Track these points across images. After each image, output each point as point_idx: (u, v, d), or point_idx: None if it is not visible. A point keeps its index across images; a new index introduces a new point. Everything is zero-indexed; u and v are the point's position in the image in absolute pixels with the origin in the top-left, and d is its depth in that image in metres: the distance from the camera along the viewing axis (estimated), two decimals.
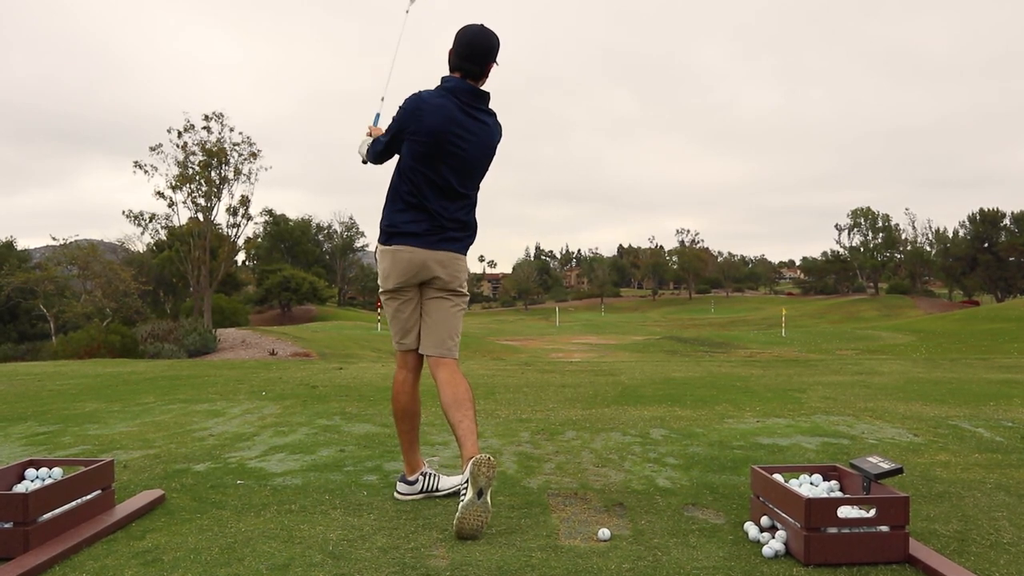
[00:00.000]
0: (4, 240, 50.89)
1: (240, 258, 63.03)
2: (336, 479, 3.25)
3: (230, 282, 57.87)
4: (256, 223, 49.78)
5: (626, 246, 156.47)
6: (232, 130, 37.77)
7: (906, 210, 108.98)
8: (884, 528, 2.30)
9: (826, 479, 2.64)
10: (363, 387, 6.49)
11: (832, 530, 2.29)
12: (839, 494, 2.56)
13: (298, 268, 72.73)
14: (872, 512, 2.31)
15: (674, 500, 2.94)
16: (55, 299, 39.34)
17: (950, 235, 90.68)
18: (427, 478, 3.00)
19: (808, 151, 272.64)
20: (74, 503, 2.53)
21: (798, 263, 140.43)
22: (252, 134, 51.29)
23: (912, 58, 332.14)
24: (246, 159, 38.08)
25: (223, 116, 37.37)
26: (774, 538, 2.39)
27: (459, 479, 2.90)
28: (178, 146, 36.60)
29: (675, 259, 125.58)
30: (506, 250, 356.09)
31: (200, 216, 38.01)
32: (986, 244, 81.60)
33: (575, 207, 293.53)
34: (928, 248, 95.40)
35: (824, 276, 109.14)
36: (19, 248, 51.62)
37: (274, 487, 3.12)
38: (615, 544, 2.44)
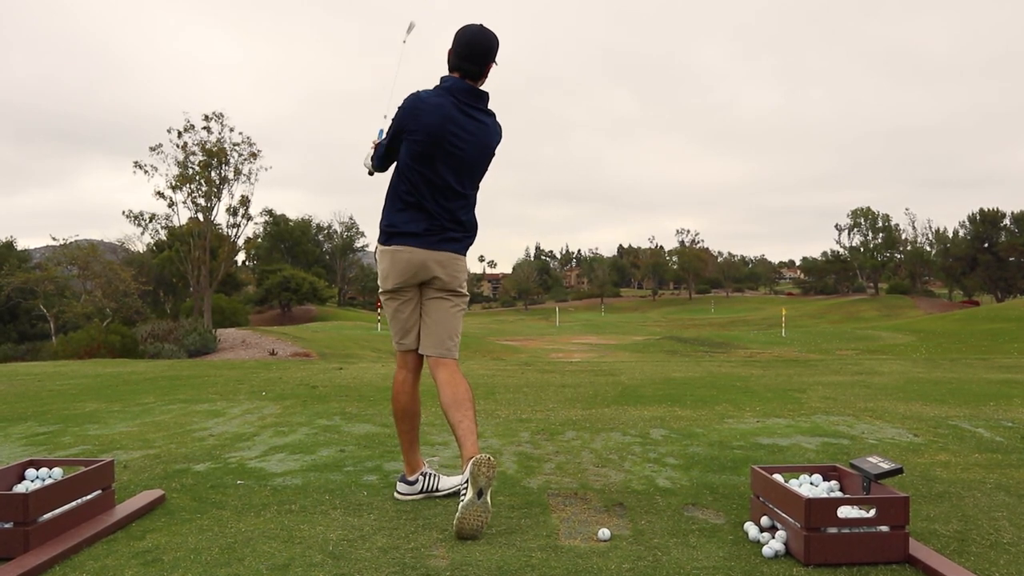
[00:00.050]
0: (4, 240, 50.90)
1: (240, 258, 63.14)
2: (336, 479, 3.25)
3: (230, 282, 57.90)
4: (256, 223, 49.89)
5: (626, 246, 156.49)
6: (232, 130, 37.85)
7: (906, 210, 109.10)
8: (884, 528, 2.30)
9: (826, 479, 2.64)
10: (363, 387, 6.50)
11: (832, 530, 2.29)
12: (839, 494, 2.56)
13: (298, 268, 72.75)
14: (872, 512, 2.32)
15: (674, 500, 2.94)
16: (55, 299, 39.35)
17: (950, 235, 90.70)
18: (427, 478, 3.00)
19: (808, 151, 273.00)
20: (74, 503, 2.53)
21: (798, 263, 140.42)
22: (252, 134, 51.51)
23: (912, 58, 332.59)
24: (246, 159, 38.14)
25: (223, 116, 37.44)
26: (774, 538, 2.39)
27: (459, 479, 2.90)
28: (178, 146, 36.67)
29: (675, 259, 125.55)
30: (506, 250, 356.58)
31: (200, 216, 38.02)
32: (986, 244, 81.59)
33: (575, 207, 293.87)
34: (928, 248, 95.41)
35: (824, 276, 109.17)
36: (19, 248, 51.62)
37: (274, 487, 3.13)
38: (615, 544, 2.44)
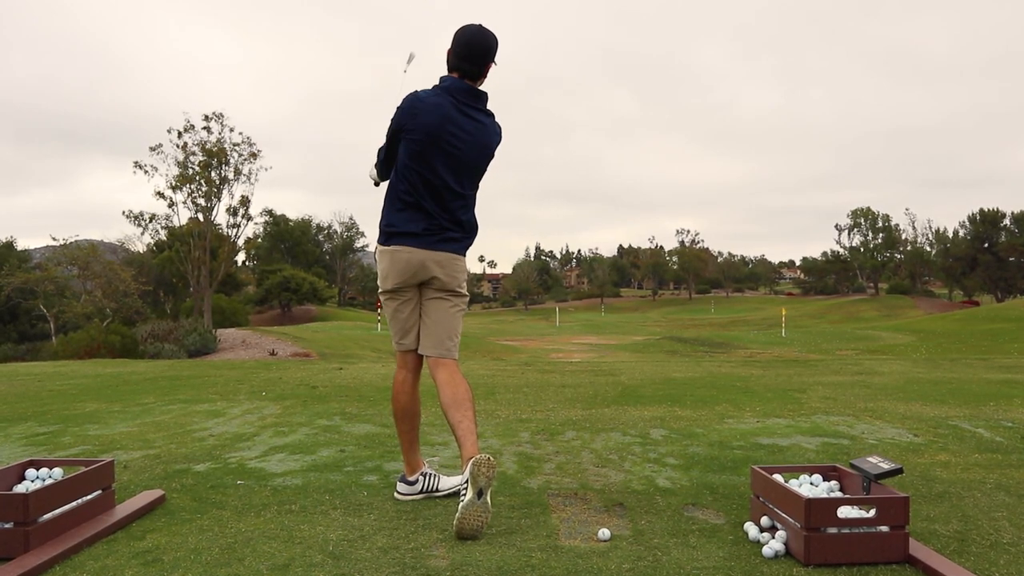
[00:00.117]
0: (4, 240, 50.92)
1: (240, 258, 63.14)
2: (336, 479, 3.25)
3: (230, 282, 57.88)
4: (256, 223, 49.83)
5: (626, 246, 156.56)
6: (232, 130, 37.76)
7: (906, 210, 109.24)
8: (884, 528, 2.30)
9: (826, 479, 2.64)
10: (363, 387, 6.50)
11: (832, 530, 2.29)
12: (839, 494, 2.56)
13: (298, 268, 72.73)
14: (872, 512, 2.32)
15: (674, 500, 2.94)
16: (55, 299, 39.35)
17: (950, 235, 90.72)
18: (427, 478, 3.00)
19: (808, 151, 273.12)
20: (74, 503, 2.53)
21: (798, 263, 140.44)
22: (252, 134, 51.41)
23: (912, 58, 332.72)
24: (246, 159, 38.08)
25: (223, 116, 37.38)
26: (774, 538, 2.39)
27: (459, 479, 2.90)
28: (178, 146, 36.60)
29: (675, 259, 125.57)
30: (506, 250, 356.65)
31: (200, 216, 38.00)
32: (986, 244, 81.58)
33: (575, 207, 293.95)
34: (928, 248, 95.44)
35: (824, 276, 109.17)
36: (19, 248, 51.64)
37: (274, 487, 3.13)
38: (615, 544, 2.44)
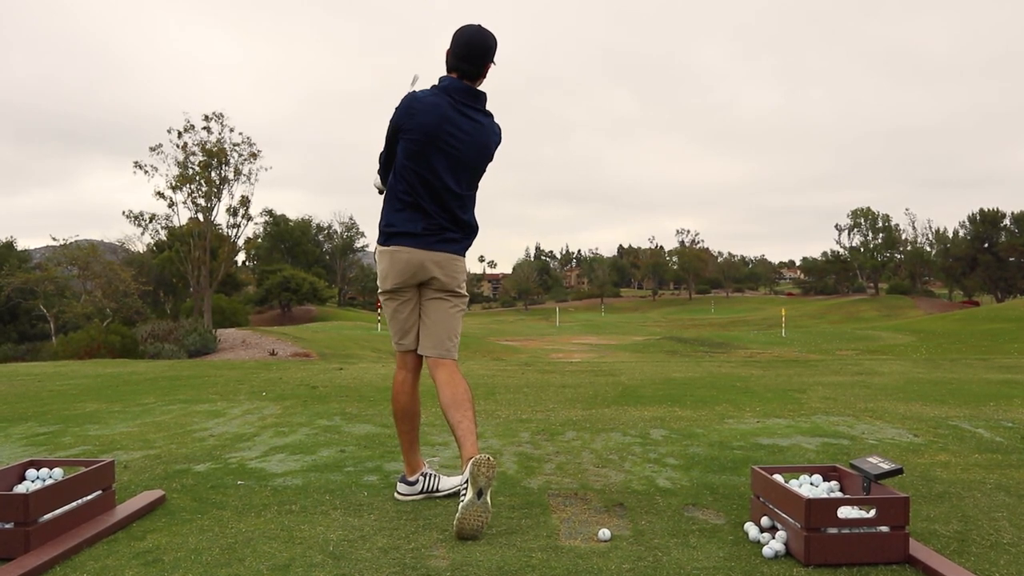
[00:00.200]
0: (4, 240, 50.95)
1: (240, 258, 63.16)
2: (336, 479, 3.25)
3: (230, 282, 57.89)
4: (256, 223, 49.82)
5: (626, 246, 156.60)
6: (232, 130, 37.76)
7: (906, 210, 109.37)
8: (884, 528, 2.30)
9: (826, 479, 2.64)
10: (363, 387, 6.50)
11: (832, 530, 2.29)
12: (839, 494, 2.56)
13: (298, 268, 72.75)
14: (872, 512, 2.32)
15: (674, 500, 2.94)
16: (55, 299, 39.35)
17: (950, 235, 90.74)
18: (427, 479, 3.00)
19: (808, 151, 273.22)
20: (75, 503, 2.53)
21: (798, 263, 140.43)
22: (252, 134, 51.47)
23: (912, 58, 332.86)
24: (246, 159, 38.06)
25: (223, 116, 37.37)
26: (774, 538, 2.39)
27: (459, 479, 2.90)
28: (178, 146, 36.58)
29: (675, 259, 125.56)
30: (506, 250, 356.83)
31: (200, 216, 37.99)
32: (986, 244, 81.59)
33: (575, 207, 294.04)
34: (928, 248, 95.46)
35: (824, 276, 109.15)
36: (19, 248, 51.68)
37: (274, 487, 3.13)
38: (615, 544, 2.44)
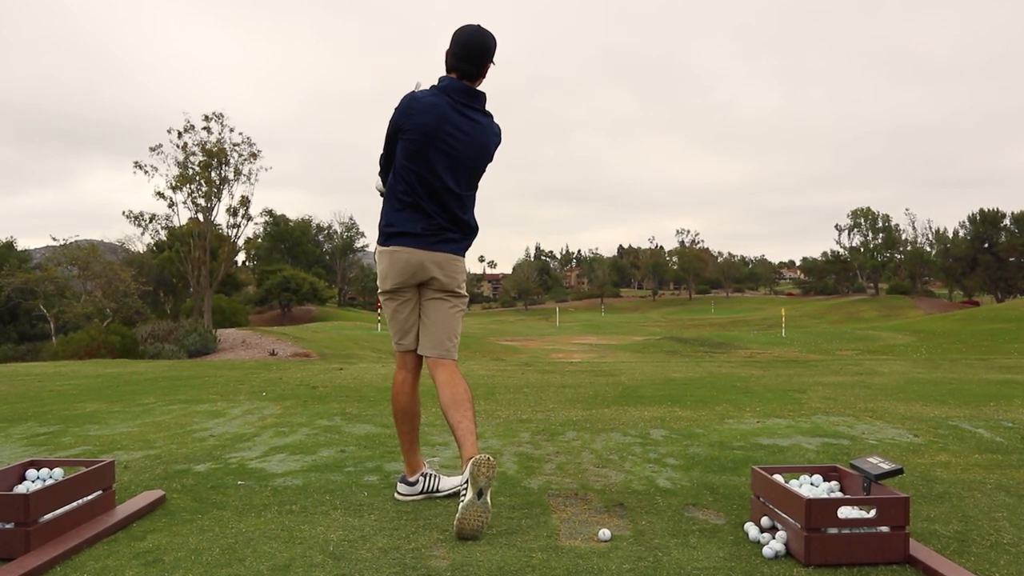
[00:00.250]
0: (4, 240, 50.96)
1: (240, 258, 63.12)
2: (337, 480, 3.25)
3: (230, 282, 57.88)
4: (256, 223, 49.74)
5: (626, 246, 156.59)
6: (232, 130, 37.74)
7: (906, 210, 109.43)
8: (884, 529, 2.30)
9: (826, 480, 2.64)
10: (363, 387, 6.50)
11: (832, 531, 2.29)
12: (839, 495, 2.56)
13: (298, 268, 72.78)
14: (872, 513, 2.32)
15: (674, 500, 2.94)
16: (55, 299, 39.35)
17: (950, 235, 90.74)
18: (427, 479, 3.00)
19: (808, 151, 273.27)
20: (75, 504, 2.53)
21: (798, 263, 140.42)
22: (252, 134, 51.50)
23: (912, 58, 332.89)
24: (246, 159, 38.03)
25: (223, 116, 37.34)
26: (774, 538, 2.39)
27: (459, 480, 2.90)
28: (178, 146, 36.56)
29: (675, 259, 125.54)
30: (506, 250, 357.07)
31: (200, 216, 37.97)
32: (986, 244, 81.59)
33: (575, 207, 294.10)
34: (928, 248, 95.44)
35: (824, 276, 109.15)
36: (19, 248, 51.69)
37: (275, 488, 3.13)
38: (616, 544, 2.44)
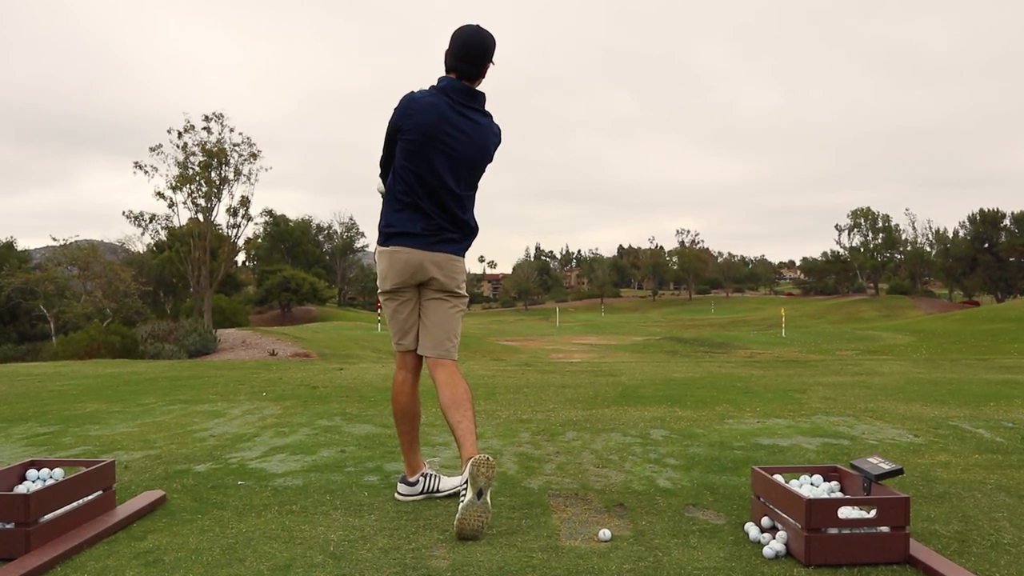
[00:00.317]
0: (4, 240, 50.97)
1: (240, 258, 63.14)
2: (337, 480, 3.25)
3: (230, 282, 57.89)
4: (256, 223, 49.74)
5: (626, 246, 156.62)
6: (232, 130, 37.76)
7: (906, 210, 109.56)
8: (885, 529, 2.30)
9: (827, 480, 2.64)
10: (363, 388, 6.49)
11: (833, 531, 2.29)
12: (840, 495, 2.56)
13: (298, 268, 72.77)
14: (873, 513, 2.32)
15: (675, 501, 2.94)
16: (55, 299, 39.36)
17: (950, 235, 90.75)
18: (428, 479, 3.00)
19: (808, 151, 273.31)
20: (75, 504, 2.53)
21: (798, 263, 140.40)
22: (252, 134, 51.54)
23: (912, 58, 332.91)
24: (246, 159, 38.05)
25: (223, 116, 37.35)
26: (775, 539, 2.39)
27: (459, 480, 2.90)
28: (178, 146, 36.57)
29: (675, 259, 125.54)
30: (506, 250, 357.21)
31: (200, 216, 37.97)
32: (986, 244, 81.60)
33: (575, 207, 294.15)
34: (928, 248, 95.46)
35: (824, 276, 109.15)
36: (19, 248, 51.70)
37: (275, 488, 3.13)
38: (616, 545, 2.44)
